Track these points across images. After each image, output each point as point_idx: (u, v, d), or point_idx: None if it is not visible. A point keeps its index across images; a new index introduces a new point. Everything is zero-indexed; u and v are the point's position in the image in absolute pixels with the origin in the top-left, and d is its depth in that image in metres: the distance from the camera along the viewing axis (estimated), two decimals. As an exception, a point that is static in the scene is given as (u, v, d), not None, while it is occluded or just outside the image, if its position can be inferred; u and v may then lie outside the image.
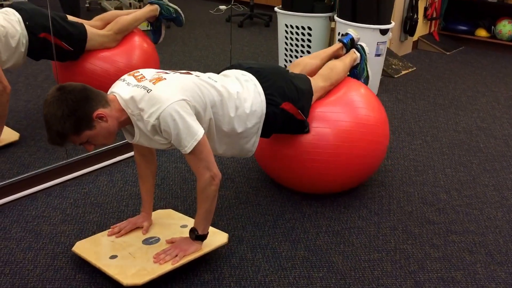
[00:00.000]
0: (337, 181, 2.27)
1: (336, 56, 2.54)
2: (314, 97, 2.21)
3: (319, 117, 2.20)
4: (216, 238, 1.91)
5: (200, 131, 1.69)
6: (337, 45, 2.56)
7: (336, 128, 2.18)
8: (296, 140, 2.19)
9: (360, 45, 2.54)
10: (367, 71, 2.53)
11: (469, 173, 2.68)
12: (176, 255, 1.79)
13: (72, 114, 1.60)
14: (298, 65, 2.40)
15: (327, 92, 2.29)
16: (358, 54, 2.51)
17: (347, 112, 2.23)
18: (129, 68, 2.89)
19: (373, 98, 2.38)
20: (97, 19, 3.04)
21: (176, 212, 2.14)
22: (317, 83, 2.24)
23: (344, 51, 2.55)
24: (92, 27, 2.92)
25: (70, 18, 2.87)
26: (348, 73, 2.51)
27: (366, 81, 2.53)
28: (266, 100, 1.97)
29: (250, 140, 1.99)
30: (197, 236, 1.82)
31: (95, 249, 1.88)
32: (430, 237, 2.15)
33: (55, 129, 1.61)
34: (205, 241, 1.85)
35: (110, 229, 1.99)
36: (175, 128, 1.66)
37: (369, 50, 2.64)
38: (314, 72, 2.36)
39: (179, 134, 1.66)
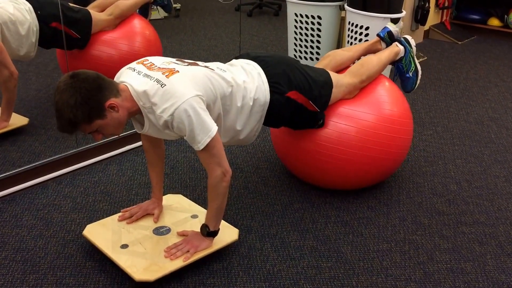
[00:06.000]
0: (361, 177, 2.23)
1: (374, 50, 2.43)
2: (339, 92, 2.13)
3: (342, 113, 2.14)
4: (227, 234, 1.92)
5: (214, 127, 1.69)
6: (374, 39, 2.47)
7: (360, 124, 2.13)
8: (319, 135, 2.15)
9: (404, 38, 2.40)
10: (415, 64, 2.38)
11: (480, 164, 2.66)
12: (188, 251, 1.81)
13: (85, 102, 1.59)
14: (328, 56, 2.33)
15: (359, 89, 2.21)
16: (402, 47, 2.36)
17: (370, 108, 2.16)
18: (132, 54, 2.92)
19: (397, 92, 2.30)
20: (95, 5, 3.05)
21: (186, 199, 2.15)
22: (344, 78, 2.17)
23: (383, 45, 2.43)
24: (94, 12, 2.95)
25: (71, 4, 2.90)
26: (394, 69, 2.41)
27: (415, 75, 2.38)
28: (270, 88, 1.94)
29: (253, 129, 1.97)
30: (209, 232, 1.83)
31: (105, 235, 1.89)
32: (439, 228, 2.14)
33: (67, 117, 1.60)
34: (216, 237, 1.86)
35: (120, 213, 2.01)
36: (189, 124, 1.65)
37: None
38: (344, 64, 2.30)
39: (194, 130, 1.66)
